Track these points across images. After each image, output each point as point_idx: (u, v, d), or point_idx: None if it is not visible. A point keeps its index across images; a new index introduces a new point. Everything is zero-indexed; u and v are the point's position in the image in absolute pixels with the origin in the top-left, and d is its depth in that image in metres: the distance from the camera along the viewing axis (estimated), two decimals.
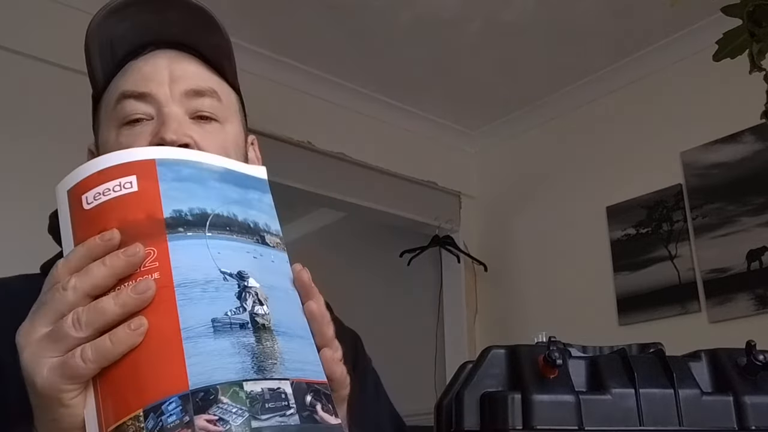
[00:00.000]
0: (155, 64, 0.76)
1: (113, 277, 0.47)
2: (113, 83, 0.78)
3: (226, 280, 0.48)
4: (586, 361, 0.61)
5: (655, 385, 0.59)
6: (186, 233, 0.49)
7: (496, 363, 0.61)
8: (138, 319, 0.46)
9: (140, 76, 0.75)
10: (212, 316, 0.46)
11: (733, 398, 0.59)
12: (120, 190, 0.50)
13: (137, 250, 0.47)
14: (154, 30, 0.77)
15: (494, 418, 0.57)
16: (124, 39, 0.77)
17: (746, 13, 0.94)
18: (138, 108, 0.74)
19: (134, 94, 0.74)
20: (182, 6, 0.76)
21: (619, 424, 0.57)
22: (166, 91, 0.74)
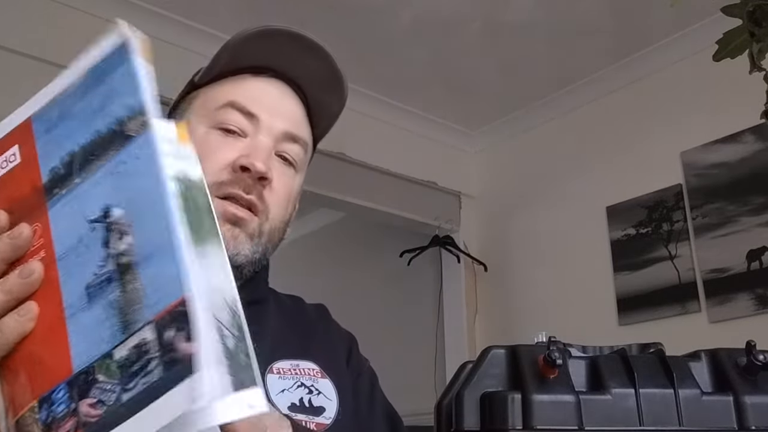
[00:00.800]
0: (271, 91, 0.80)
1: (1, 262, 0.45)
2: (222, 86, 0.80)
3: (94, 230, 0.43)
4: (586, 361, 0.61)
5: (655, 385, 0.59)
6: (61, 192, 0.45)
7: (496, 363, 0.61)
8: (27, 305, 0.44)
9: (255, 95, 0.78)
10: (86, 282, 0.43)
11: (733, 398, 0.59)
12: (6, 165, 0.48)
13: (21, 231, 0.45)
14: (287, 63, 0.80)
15: (494, 418, 0.57)
16: (256, 55, 0.79)
17: (746, 13, 0.94)
18: (240, 122, 0.77)
19: (243, 110, 0.77)
20: (323, 58, 0.80)
21: (619, 424, 0.57)
22: (269, 122, 0.78)
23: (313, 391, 0.77)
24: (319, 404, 0.77)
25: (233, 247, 0.74)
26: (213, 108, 0.78)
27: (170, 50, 2.64)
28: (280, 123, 0.78)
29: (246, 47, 0.79)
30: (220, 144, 0.76)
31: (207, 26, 2.69)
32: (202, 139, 0.76)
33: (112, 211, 0.43)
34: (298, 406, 0.75)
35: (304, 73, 0.81)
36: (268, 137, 0.77)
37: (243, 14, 2.64)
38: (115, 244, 0.42)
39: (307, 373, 0.79)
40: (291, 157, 0.79)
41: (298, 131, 0.80)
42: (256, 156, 0.75)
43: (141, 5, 2.56)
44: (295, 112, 0.81)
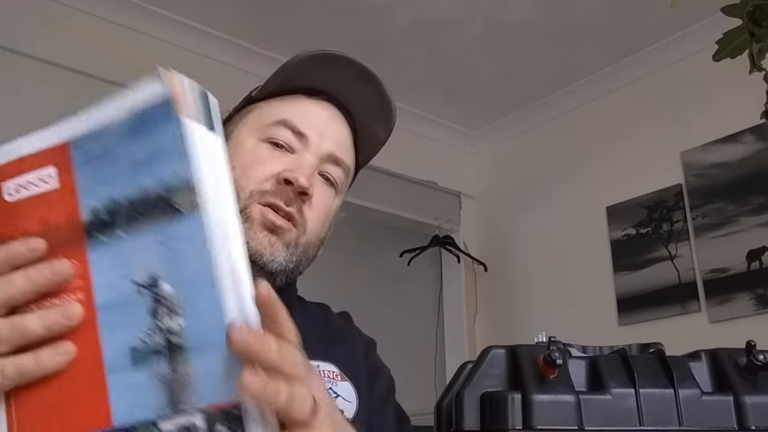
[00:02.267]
0: (322, 113, 0.83)
1: (34, 294, 0.45)
2: (278, 103, 0.83)
3: (140, 294, 0.44)
4: (586, 361, 0.61)
5: (655, 385, 0.59)
6: (102, 238, 0.45)
7: (496, 363, 0.61)
8: (67, 345, 0.44)
9: (306, 116, 0.82)
10: (131, 344, 0.44)
11: (733, 398, 0.59)
12: (40, 185, 0.47)
13: (64, 268, 0.45)
14: (341, 88, 0.83)
15: (494, 418, 0.57)
16: (312, 77, 0.83)
17: (746, 13, 0.94)
18: (289, 139, 0.80)
19: (294, 129, 0.80)
20: (376, 86, 0.83)
21: (619, 424, 0.57)
22: (317, 142, 0.81)
23: (331, 394, 0.78)
24: (339, 407, 0.77)
25: (269, 253, 0.76)
26: (265, 123, 0.81)
27: (170, 50, 2.64)
28: (326, 144, 0.81)
29: (303, 69, 0.82)
30: (267, 156, 0.79)
31: (207, 26, 2.69)
32: (251, 150, 0.79)
33: (161, 285, 0.44)
34: None
35: (355, 99, 0.84)
36: (314, 156, 0.80)
37: (243, 14, 2.64)
38: (164, 320, 0.43)
39: (327, 376, 0.80)
40: (333, 178, 0.83)
41: (342, 155, 0.83)
42: (300, 171, 0.77)
43: (141, 5, 2.56)
44: (342, 136, 0.84)
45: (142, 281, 0.44)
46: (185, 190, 0.43)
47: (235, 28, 2.71)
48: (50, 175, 0.47)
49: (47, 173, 0.47)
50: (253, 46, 2.74)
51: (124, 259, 0.45)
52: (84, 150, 0.47)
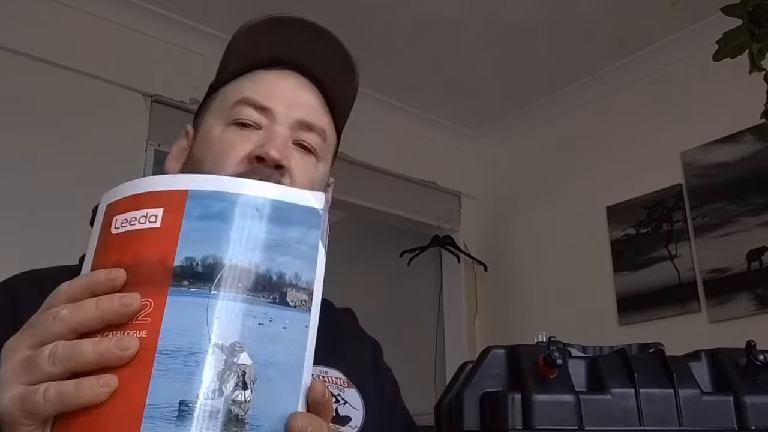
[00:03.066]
0: (284, 83, 0.80)
1: (102, 321, 0.45)
2: (237, 83, 0.81)
3: (214, 354, 0.43)
4: (586, 361, 0.61)
5: (655, 385, 0.59)
6: (189, 288, 0.45)
7: (496, 363, 0.61)
8: (109, 377, 0.43)
9: (268, 88, 0.79)
10: (182, 397, 0.42)
11: (733, 398, 0.59)
12: (145, 222, 0.47)
13: (131, 302, 0.44)
14: (298, 54, 0.80)
15: (494, 418, 0.57)
16: (266, 49, 0.80)
17: (746, 13, 0.94)
18: (253, 117, 0.77)
19: (255, 104, 0.77)
20: (333, 44, 0.80)
21: (619, 424, 0.57)
22: (284, 112, 0.77)
23: (339, 400, 0.78)
24: (345, 413, 0.77)
25: None
26: (227, 106, 0.79)
27: (170, 50, 2.65)
28: (294, 112, 0.78)
29: (254, 42, 0.80)
30: (236, 138, 0.76)
31: (207, 26, 2.69)
32: (219, 137, 0.77)
33: (242, 355, 0.43)
34: None
35: (315, 60, 0.81)
36: (284, 126, 0.77)
37: (243, 14, 2.63)
38: (230, 386, 0.43)
39: (334, 382, 0.79)
40: (309, 145, 0.79)
41: (313, 119, 0.80)
42: (270, 145, 0.74)
43: (141, 5, 2.56)
44: (311, 101, 0.81)
45: (221, 342, 0.43)
46: (302, 289, 0.46)
47: (234, 27, 2.70)
48: (156, 216, 0.47)
49: (154, 213, 0.47)
50: None
51: (208, 315, 0.44)
52: (203, 204, 0.47)
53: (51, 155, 2.28)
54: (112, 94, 2.47)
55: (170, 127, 2.62)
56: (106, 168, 2.36)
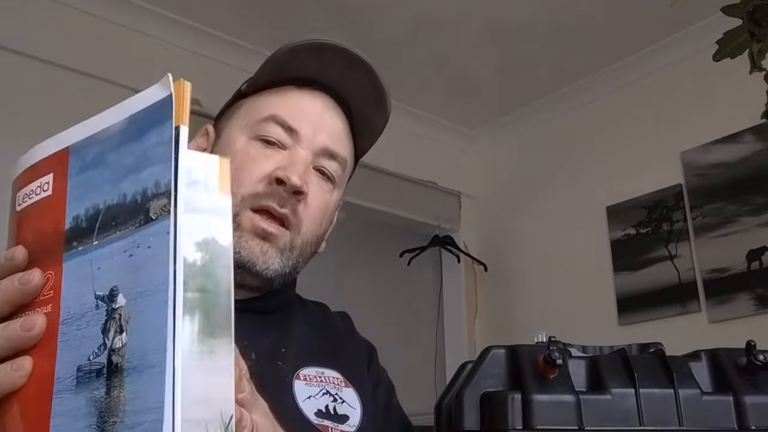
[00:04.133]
0: (314, 105, 0.79)
1: (8, 304, 0.43)
2: (267, 97, 0.80)
3: (98, 308, 0.40)
4: (586, 361, 0.61)
5: (655, 385, 0.59)
6: (78, 247, 0.42)
7: (496, 363, 0.61)
8: (21, 360, 0.41)
9: (297, 108, 0.78)
10: (78, 363, 0.40)
11: (733, 398, 0.59)
12: (40, 193, 0.45)
13: (30, 278, 0.43)
14: (331, 77, 0.80)
15: (494, 418, 0.57)
16: (302, 67, 0.79)
17: (746, 13, 0.94)
18: (280, 136, 0.77)
19: (283, 123, 0.77)
20: (368, 72, 0.80)
21: (619, 424, 0.57)
22: (310, 136, 0.78)
23: (337, 399, 0.78)
24: (344, 412, 0.77)
25: (262, 261, 0.74)
26: (255, 120, 0.78)
27: (171, 50, 2.65)
28: (320, 138, 0.78)
29: (292, 60, 0.79)
30: (259, 155, 0.76)
31: (206, 26, 2.69)
32: (242, 149, 0.77)
33: (118, 297, 0.40)
34: (324, 412, 0.75)
35: (349, 87, 0.81)
36: (308, 151, 0.77)
37: (244, 15, 2.64)
38: (111, 336, 0.39)
39: (331, 382, 0.79)
40: (329, 173, 0.80)
41: (337, 148, 0.80)
42: (292, 169, 0.74)
43: (141, 5, 2.56)
44: (337, 127, 0.81)
45: (101, 293, 0.40)
46: (160, 196, 0.39)
47: (235, 28, 2.71)
48: (48, 183, 0.45)
49: (46, 181, 0.45)
50: (253, 46, 2.74)
51: (92, 270, 0.41)
52: (81, 157, 0.44)
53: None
54: (112, 94, 2.47)
55: None
56: None
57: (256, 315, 0.79)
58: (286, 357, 0.77)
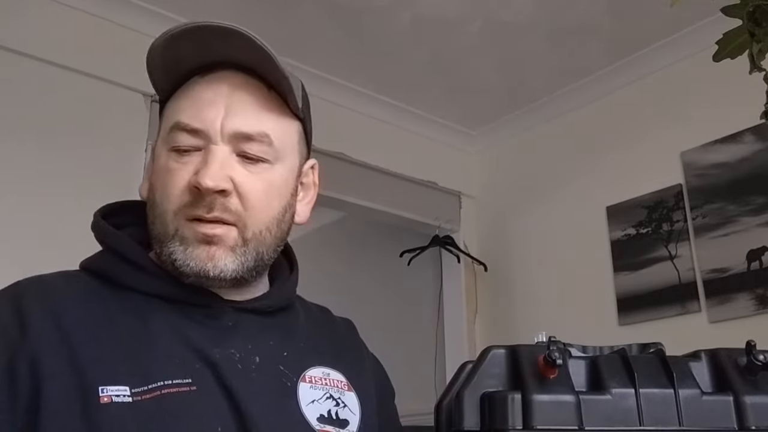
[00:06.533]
0: (216, 89, 0.76)
1: None
2: (174, 101, 0.78)
3: None
4: (586, 361, 0.61)
5: (655, 385, 0.59)
6: None
7: (496, 363, 0.61)
8: None
9: (199, 105, 0.75)
10: None
11: (733, 398, 0.59)
12: None
13: None
14: (222, 54, 0.77)
15: (494, 418, 0.57)
16: (190, 58, 0.77)
17: (746, 13, 0.94)
18: (189, 141, 0.74)
19: (187, 128, 0.74)
20: (246, 39, 0.76)
21: (619, 424, 0.57)
22: (217, 127, 0.74)
23: (339, 403, 0.78)
24: (345, 417, 0.77)
25: (212, 266, 0.73)
26: (165, 131, 0.77)
27: None
28: (229, 123, 0.74)
29: (176, 54, 0.76)
30: (176, 166, 0.74)
31: None
32: (164, 164, 0.75)
33: None
34: (326, 417, 0.76)
35: (239, 54, 0.77)
36: (221, 143, 0.74)
37: (243, 14, 2.64)
38: None
39: (335, 385, 0.79)
40: (253, 154, 0.75)
41: (250, 128, 0.75)
42: (204, 172, 0.72)
43: (141, 5, 2.56)
44: (249, 105, 0.76)
45: None
46: None
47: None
48: None
49: None
50: None
51: None
52: None
53: (51, 155, 2.28)
54: (112, 94, 2.47)
55: None
56: (106, 168, 2.36)
57: (259, 316, 0.79)
58: (288, 360, 0.77)
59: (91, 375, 0.65)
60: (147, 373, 0.67)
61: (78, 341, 0.67)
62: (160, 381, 0.67)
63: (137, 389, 0.66)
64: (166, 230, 0.74)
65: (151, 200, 0.77)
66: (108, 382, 0.65)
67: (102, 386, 0.65)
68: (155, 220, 0.75)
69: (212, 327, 0.75)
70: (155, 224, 0.75)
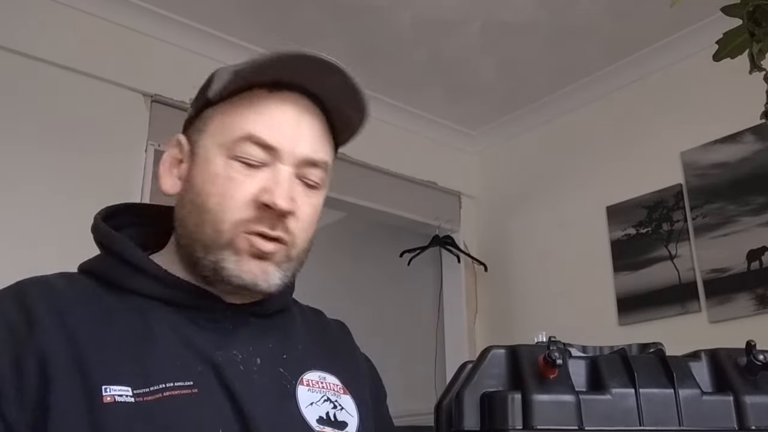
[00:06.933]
0: (288, 113, 0.77)
1: None
2: (239, 110, 0.77)
3: None
4: (586, 361, 0.61)
5: (655, 385, 0.59)
6: None
7: (496, 363, 0.61)
8: None
9: (272, 123, 0.76)
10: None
11: (733, 398, 0.59)
12: None
13: None
14: (301, 77, 0.77)
15: (494, 418, 0.57)
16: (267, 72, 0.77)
17: (746, 13, 0.94)
18: (259, 156, 0.75)
19: (262, 143, 0.75)
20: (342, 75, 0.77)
21: (619, 424, 0.57)
22: (290, 149, 0.76)
23: (337, 406, 0.79)
24: (343, 419, 0.78)
25: (264, 280, 0.75)
26: (231, 139, 0.76)
27: (170, 50, 2.64)
28: (300, 149, 0.77)
29: (261, 68, 0.77)
30: (242, 178, 0.75)
31: (206, 26, 2.69)
32: (222, 172, 0.75)
33: None
34: (325, 419, 0.76)
35: (322, 86, 0.79)
36: (290, 165, 0.76)
37: (243, 14, 2.64)
38: None
39: (331, 388, 0.80)
40: (313, 181, 0.79)
41: (317, 155, 0.78)
42: (278, 192, 0.74)
43: (140, 5, 2.56)
44: (315, 131, 0.79)
45: None
46: None
47: (234, 27, 2.71)
48: None
49: None
50: (253, 46, 2.74)
51: None
52: None
53: (51, 155, 2.28)
54: (112, 94, 2.47)
55: (170, 127, 2.62)
56: (106, 168, 2.36)
57: (258, 318, 0.80)
58: (287, 363, 0.78)
59: (95, 375, 0.66)
60: (149, 375, 0.68)
61: (83, 340, 0.68)
62: (161, 383, 0.67)
63: (139, 390, 0.66)
64: (219, 238, 0.74)
65: (198, 204, 0.75)
66: (110, 382, 0.66)
67: (105, 386, 0.65)
68: (204, 225, 0.74)
69: (214, 329, 0.75)
70: (203, 229, 0.75)
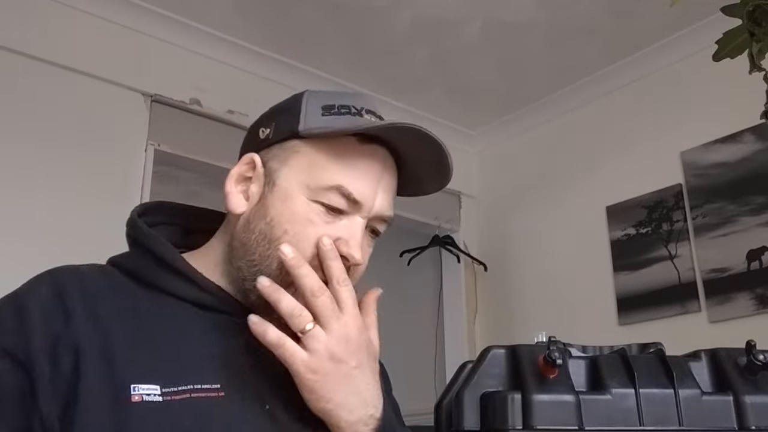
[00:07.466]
0: (374, 165, 0.80)
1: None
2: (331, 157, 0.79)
3: None
4: (586, 361, 0.61)
5: (655, 385, 0.59)
6: None
7: (496, 363, 0.61)
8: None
9: (360, 177, 0.79)
10: None
11: (733, 398, 0.59)
12: None
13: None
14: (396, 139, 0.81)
15: (494, 418, 0.57)
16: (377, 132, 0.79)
17: (746, 13, 0.94)
18: (343, 206, 0.78)
19: (349, 197, 0.78)
20: (436, 148, 0.82)
21: (619, 424, 0.57)
22: (370, 206, 0.80)
23: None
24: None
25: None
26: (318, 185, 0.78)
27: (170, 50, 2.64)
28: (378, 205, 0.81)
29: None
30: (321, 223, 0.77)
31: (206, 26, 2.69)
32: (303, 212, 0.77)
33: None
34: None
35: (411, 151, 0.83)
36: (365, 217, 0.80)
37: (243, 14, 2.64)
38: None
39: None
40: (380, 233, 0.84)
41: (389, 212, 0.84)
42: (354, 245, 0.78)
43: (141, 5, 2.56)
44: (391, 190, 0.84)
45: None
46: None
47: (235, 28, 2.70)
48: None
49: None
50: (253, 46, 2.74)
51: None
52: None
53: (51, 155, 2.28)
54: (112, 94, 2.47)
55: (170, 127, 2.62)
56: (106, 168, 2.36)
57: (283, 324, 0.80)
58: None
59: (125, 372, 0.67)
60: (177, 375, 0.68)
61: (114, 335, 0.69)
62: (189, 384, 0.68)
63: (168, 389, 0.67)
64: (286, 277, 0.74)
65: (269, 236, 0.77)
66: (140, 380, 0.66)
67: (134, 384, 0.66)
68: (272, 259, 0.75)
69: (242, 334, 0.75)
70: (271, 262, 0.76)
